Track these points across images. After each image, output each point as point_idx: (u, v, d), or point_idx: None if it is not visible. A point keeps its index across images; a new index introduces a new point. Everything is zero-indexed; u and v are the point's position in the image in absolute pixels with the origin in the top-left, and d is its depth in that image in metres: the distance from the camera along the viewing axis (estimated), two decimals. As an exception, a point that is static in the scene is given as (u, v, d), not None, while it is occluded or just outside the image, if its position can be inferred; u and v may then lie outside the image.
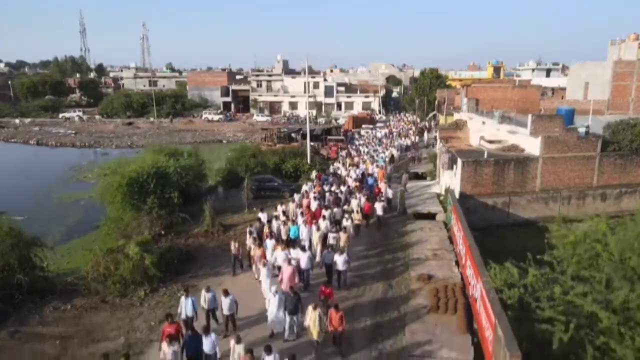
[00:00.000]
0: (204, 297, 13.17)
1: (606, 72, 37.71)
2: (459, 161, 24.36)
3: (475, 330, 13.43)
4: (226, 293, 12.98)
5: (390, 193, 25.41)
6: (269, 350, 10.37)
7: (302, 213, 20.83)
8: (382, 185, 26.56)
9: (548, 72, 70.82)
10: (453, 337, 13.24)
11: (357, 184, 27.55)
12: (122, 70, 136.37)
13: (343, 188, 25.85)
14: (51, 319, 14.69)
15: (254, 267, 16.92)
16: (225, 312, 13.00)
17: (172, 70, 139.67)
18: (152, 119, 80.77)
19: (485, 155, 24.78)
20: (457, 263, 18.22)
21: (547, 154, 24.67)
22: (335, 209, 21.54)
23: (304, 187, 26.03)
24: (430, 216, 24.36)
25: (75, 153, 56.79)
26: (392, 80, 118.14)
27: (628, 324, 11.44)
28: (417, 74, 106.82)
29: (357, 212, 21.48)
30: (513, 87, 39.99)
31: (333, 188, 26.06)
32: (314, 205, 22.18)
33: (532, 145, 25.46)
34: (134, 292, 16.06)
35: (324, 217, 19.58)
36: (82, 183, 37.42)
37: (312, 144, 39.51)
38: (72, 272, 18.24)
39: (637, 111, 35.98)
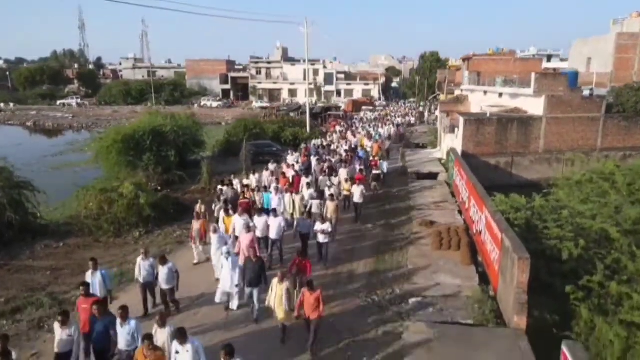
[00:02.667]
0: (140, 266, 10.05)
1: (609, 46, 37.24)
2: (461, 120, 23.95)
3: (480, 262, 13.04)
4: (163, 260, 9.94)
5: (385, 166, 22.66)
6: (229, 354, 6.53)
7: (276, 180, 18.30)
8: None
9: (549, 58, 70.30)
10: (457, 268, 12.82)
11: (349, 154, 24.60)
12: (120, 63, 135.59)
13: (334, 159, 23.10)
14: (42, 254, 14.26)
15: (193, 246, 13.33)
16: (163, 285, 9.93)
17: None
18: (149, 105, 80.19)
19: (488, 115, 24.35)
20: (459, 213, 17.83)
21: (551, 114, 24.24)
22: (321, 177, 19.11)
23: (289, 158, 23.94)
24: (432, 176, 23.96)
25: (72, 136, 56.18)
26: (391, 72, 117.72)
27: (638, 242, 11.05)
28: (417, 65, 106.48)
29: (346, 181, 18.37)
30: (515, 60, 39.59)
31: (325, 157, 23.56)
32: (290, 173, 19.43)
33: (535, 107, 25.02)
34: (129, 233, 15.63)
35: (308, 184, 16.97)
36: (77, 154, 36.90)
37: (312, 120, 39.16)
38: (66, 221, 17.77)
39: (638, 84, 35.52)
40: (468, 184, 16.20)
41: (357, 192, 16.75)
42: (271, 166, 21.30)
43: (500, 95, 29.71)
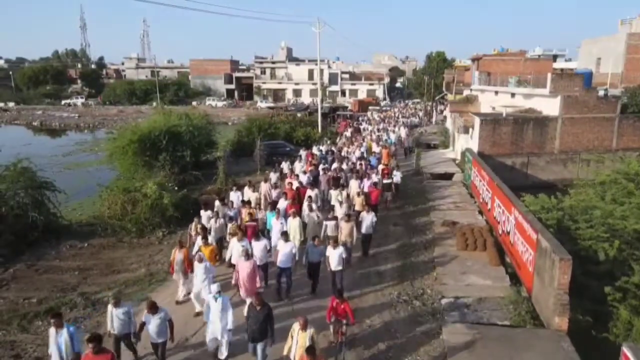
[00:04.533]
0: (111, 315, 8.15)
1: (619, 45, 37.18)
2: (477, 120, 23.92)
3: (508, 263, 13.01)
4: (154, 309, 8.01)
5: (399, 177, 20.28)
6: None
7: (284, 194, 15.64)
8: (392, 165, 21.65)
9: (555, 58, 70.16)
10: (485, 269, 12.81)
11: (363, 162, 21.73)
12: (123, 63, 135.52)
13: (345, 166, 20.85)
14: (68, 255, 14.27)
15: (175, 278, 11.18)
16: (154, 338, 8.13)
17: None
18: (155, 105, 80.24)
19: (504, 115, 24.32)
20: (480, 213, 17.80)
21: (567, 114, 24.20)
22: (331, 191, 16.72)
23: (296, 166, 21.59)
24: (447, 176, 23.93)
25: (79, 136, 56.16)
26: (395, 72, 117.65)
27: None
28: (420, 65, 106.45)
29: (358, 194, 16.07)
30: (525, 60, 39.55)
31: (334, 166, 20.92)
32: (294, 184, 16.87)
33: (550, 107, 24.97)
34: (152, 233, 15.63)
35: (309, 198, 14.59)
36: (88, 155, 36.92)
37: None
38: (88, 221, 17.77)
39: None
40: (491, 185, 16.16)
41: (367, 221, 13.35)
42: (273, 176, 18.85)
43: (513, 95, 29.67)
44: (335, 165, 21.09)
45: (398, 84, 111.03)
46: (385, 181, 18.80)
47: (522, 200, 13.14)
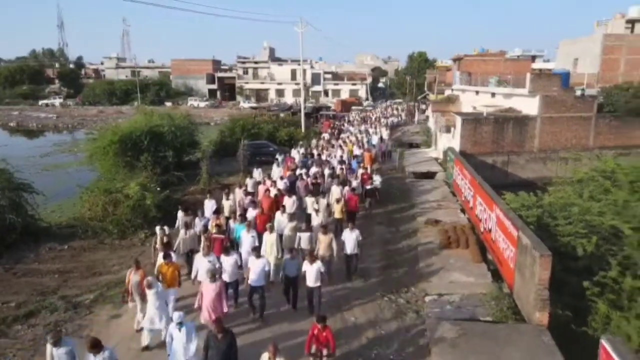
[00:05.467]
0: (51, 355, 7.05)
1: (596, 46, 38.07)
2: (459, 119, 24.23)
3: (490, 260, 13.21)
4: (95, 348, 6.78)
5: (379, 181, 19.12)
6: None
7: (253, 202, 14.75)
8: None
9: (534, 58, 71.52)
10: (468, 266, 12.97)
11: (343, 167, 20.43)
12: (102, 63, 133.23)
13: (326, 171, 19.69)
14: (48, 257, 13.98)
15: (130, 305, 10.12)
16: None
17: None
18: (136, 105, 79.22)
19: (485, 114, 24.68)
20: (462, 211, 18.03)
21: (545, 113, 24.70)
22: (307, 198, 15.56)
23: (273, 171, 20.49)
24: (430, 175, 24.18)
25: (57, 137, 55.06)
26: (377, 72, 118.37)
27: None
28: (402, 65, 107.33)
29: (338, 201, 15.14)
30: (505, 60, 40.21)
31: (313, 170, 19.91)
32: (272, 191, 15.78)
33: (529, 107, 25.46)
34: (134, 234, 15.42)
35: (283, 207, 13.55)
36: (67, 155, 36.23)
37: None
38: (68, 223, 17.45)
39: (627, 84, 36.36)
40: (473, 183, 16.38)
41: (351, 240, 11.90)
42: (249, 182, 17.81)
43: (493, 95, 30.15)
44: (314, 169, 20.13)
45: (380, 84, 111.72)
46: (367, 187, 18.05)
47: (503, 198, 13.35)
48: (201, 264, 9.96)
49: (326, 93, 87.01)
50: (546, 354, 8.26)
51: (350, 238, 11.92)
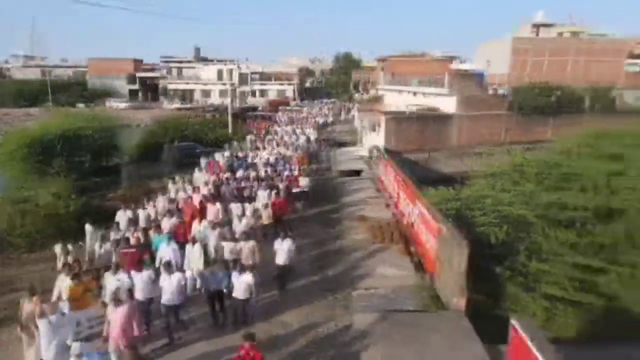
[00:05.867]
0: None
1: (506, 48, 40.92)
2: (383, 118, 25.06)
3: (415, 252, 13.79)
4: None
5: (306, 183, 18.94)
6: None
7: (170, 212, 13.65)
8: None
9: (452, 60, 75.54)
10: (395, 259, 13.50)
11: (268, 170, 20.04)
12: (7, 61, 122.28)
13: (253, 174, 19.22)
14: (-55, 276, 12.61)
15: (24, 339, 8.45)
16: None
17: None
18: (49, 106, 73.65)
19: (407, 113, 25.71)
20: (388, 206, 18.65)
21: (462, 111, 26.24)
22: (231, 205, 14.95)
23: (196, 176, 19.46)
24: (356, 173, 24.77)
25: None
26: (304, 72, 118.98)
27: (550, 224, 12.41)
28: (329, 66, 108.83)
29: (265, 207, 14.94)
30: (426, 61, 42.16)
31: (239, 174, 19.42)
32: (196, 198, 15.18)
33: (448, 105, 26.92)
34: (46, 247, 14.33)
35: (203, 218, 13.21)
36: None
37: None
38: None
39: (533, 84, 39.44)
40: (397, 179, 17.03)
41: (283, 251, 11.16)
42: (171, 187, 17.09)
43: (415, 94, 31.51)
44: (240, 173, 19.56)
45: (308, 84, 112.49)
46: (295, 190, 17.72)
47: (425, 193, 14.00)
48: (108, 284, 9.12)
49: (254, 93, 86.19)
50: (465, 337, 8.79)
51: (283, 249, 11.22)
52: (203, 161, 22.07)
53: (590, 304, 10.41)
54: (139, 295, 9.11)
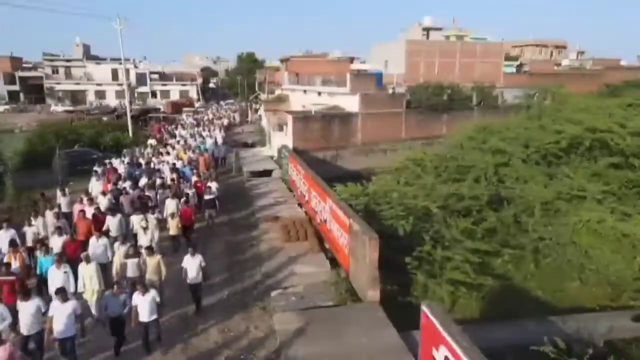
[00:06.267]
0: None
1: (401, 50, 43.30)
2: (290, 118, 25.25)
3: (328, 249, 14.10)
4: None
5: (215, 188, 17.59)
6: None
7: (59, 228, 12.02)
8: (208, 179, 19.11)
9: (352, 60, 78.17)
10: (308, 257, 13.66)
11: (174, 176, 18.59)
12: None
13: (158, 181, 17.63)
14: None
15: None
16: None
17: None
18: None
19: (313, 112, 26.16)
20: (300, 205, 18.86)
21: (365, 110, 27.29)
22: (133, 217, 13.56)
23: (92, 184, 17.78)
24: (267, 173, 24.70)
25: None
26: (207, 72, 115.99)
27: (450, 214, 13.42)
28: (232, 66, 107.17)
29: (172, 216, 14.07)
30: (327, 61, 43.18)
31: (142, 182, 17.95)
32: (89, 211, 13.71)
33: (351, 104, 27.85)
34: None
35: (100, 233, 11.87)
36: None
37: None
38: None
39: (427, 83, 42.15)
40: (307, 178, 17.26)
41: (194, 268, 10.32)
42: (62, 200, 15.50)
43: (320, 93, 32.17)
44: (143, 181, 18.04)
45: (212, 85, 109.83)
46: (206, 197, 16.43)
47: (334, 189, 14.37)
48: None
49: (154, 94, 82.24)
50: (380, 327, 9.19)
51: (193, 265, 10.34)
52: (99, 169, 20.08)
53: (489, 285, 11.43)
54: (24, 330, 8.08)
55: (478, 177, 15.98)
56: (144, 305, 8.61)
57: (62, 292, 8.09)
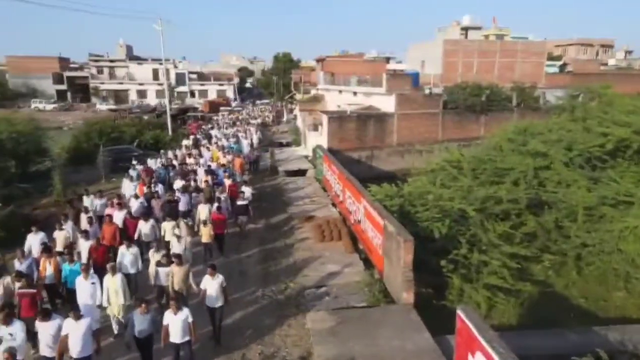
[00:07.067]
0: None
1: (438, 50, 42.60)
2: (325, 118, 25.28)
3: (361, 249, 14.05)
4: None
5: (249, 193, 16.79)
6: None
7: (85, 232, 11.59)
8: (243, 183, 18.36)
9: (388, 60, 77.63)
10: (342, 257, 13.65)
11: (208, 178, 17.72)
12: None
13: (192, 184, 17.01)
14: None
15: None
16: None
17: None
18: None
19: (348, 112, 26.11)
20: (333, 205, 18.88)
21: (401, 110, 27.02)
22: (164, 223, 12.89)
23: (125, 186, 17.31)
24: (301, 173, 24.85)
25: None
26: (244, 72, 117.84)
27: (487, 217, 13.11)
28: (268, 66, 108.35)
29: (205, 224, 13.21)
30: (363, 61, 43.00)
31: (176, 185, 17.12)
32: (119, 215, 12.97)
33: (387, 105, 27.62)
34: (-30, 260, 13.19)
35: (128, 241, 10.85)
36: None
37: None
38: None
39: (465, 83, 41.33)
40: (341, 178, 17.25)
41: (214, 290, 9.02)
42: (86, 201, 14.69)
43: (355, 93, 32.06)
44: (178, 184, 17.05)
45: (248, 84, 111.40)
46: (238, 202, 15.37)
47: (369, 190, 14.30)
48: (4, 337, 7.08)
49: (192, 94, 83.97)
50: (414, 329, 9.07)
51: (213, 286, 9.04)
52: (133, 172, 19.15)
53: (528, 291, 11.12)
54: (45, 351, 7.47)
55: (517, 180, 15.55)
56: (176, 324, 7.81)
57: (75, 311, 7.37)
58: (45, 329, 7.39)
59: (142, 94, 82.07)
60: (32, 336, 7.97)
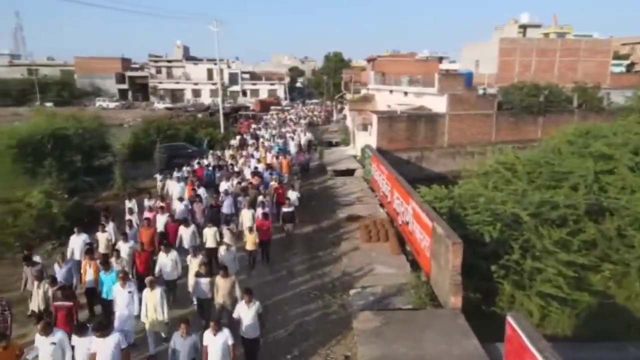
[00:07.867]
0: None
1: (493, 49, 41.24)
2: (374, 118, 25.12)
3: (408, 251, 13.88)
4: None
5: (295, 197, 15.97)
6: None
7: (124, 235, 11.18)
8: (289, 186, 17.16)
9: (440, 60, 76.07)
10: (388, 258, 13.54)
11: (255, 179, 17.20)
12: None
13: (238, 185, 16.50)
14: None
15: None
16: None
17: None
18: (37, 104, 72.83)
19: (398, 112, 25.83)
20: (381, 205, 18.74)
21: (453, 111, 26.40)
22: (206, 229, 12.38)
23: (171, 187, 16.97)
24: (349, 172, 24.83)
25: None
26: (295, 72, 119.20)
27: (543, 223, 12.56)
28: (319, 65, 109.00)
29: (250, 230, 12.42)
30: (415, 61, 42.38)
31: (222, 187, 16.46)
32: (161, 220, 12.80)
33: (439, 105, 27.07)
34: (39, 247, 14.20)
35: (167, 246, 10.39)
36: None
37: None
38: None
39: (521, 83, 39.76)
40: (390, 178, 17.10)
41: (249, 318, 8.07)
42: (147, 203, 14.03)
43: (406, 94, 31.65)
44: (224, 185, 16.41)
45: (298, 84, 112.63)
46: (284, 209, 14.46)
47: (418, 191, 14.09)
48: (41, 347, 6.86)
49: (244, 93, 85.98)
50: (461, 334, 8.86)
51: (248, 315, 8.11)
52: (178, 173, 18.76)
53: (585, 302, 10.58)
54: None
55: (576, 184, 14.80)
56: (215, 346, 7.17)
57: (102, 329, 6.88)
58: (82, 344, 7.05)
59: (196, 93, 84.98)
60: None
